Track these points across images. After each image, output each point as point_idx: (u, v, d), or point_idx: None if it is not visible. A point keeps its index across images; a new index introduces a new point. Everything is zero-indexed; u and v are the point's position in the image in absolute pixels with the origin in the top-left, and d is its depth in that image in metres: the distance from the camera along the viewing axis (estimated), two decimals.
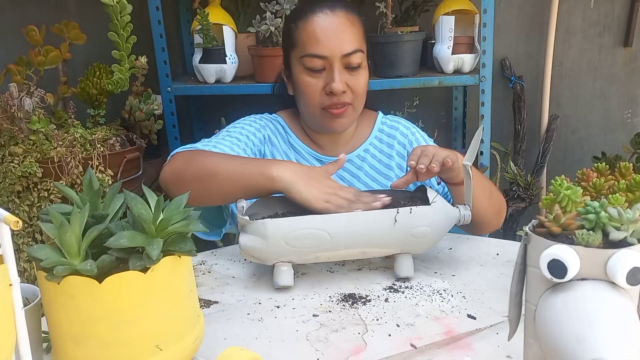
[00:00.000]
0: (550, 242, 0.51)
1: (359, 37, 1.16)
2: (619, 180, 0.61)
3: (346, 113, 1.17)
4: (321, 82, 1.15)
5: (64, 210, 0.65)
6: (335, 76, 1.13)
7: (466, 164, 0.93)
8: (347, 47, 1.13)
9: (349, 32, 1.14)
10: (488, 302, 0.86)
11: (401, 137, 1.27)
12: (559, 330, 0.49)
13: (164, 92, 1.81)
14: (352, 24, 1.15)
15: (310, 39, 1.14)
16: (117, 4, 1.29)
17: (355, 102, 1.17)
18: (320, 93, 1.15)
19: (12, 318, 0.51)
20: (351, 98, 1.16)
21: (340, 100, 1.15)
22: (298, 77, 1.17)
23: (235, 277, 0.99)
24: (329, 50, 1.13)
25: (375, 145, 1.28)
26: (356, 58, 1.14)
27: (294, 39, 1.17)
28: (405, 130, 1.28)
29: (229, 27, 1.78)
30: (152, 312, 0.63)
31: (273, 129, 1.27)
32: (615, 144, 2.12)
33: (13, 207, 1.33)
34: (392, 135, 1.28)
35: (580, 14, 2.06)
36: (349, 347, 0.76)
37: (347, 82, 1.14)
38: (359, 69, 1.15)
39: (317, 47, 1.13)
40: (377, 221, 0.90)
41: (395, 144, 1.27)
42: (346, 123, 1.20)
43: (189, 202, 1.06)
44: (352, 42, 1.14)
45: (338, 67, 1.13)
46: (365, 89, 1.19)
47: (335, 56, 1.13)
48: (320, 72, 1.15)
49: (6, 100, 1.31)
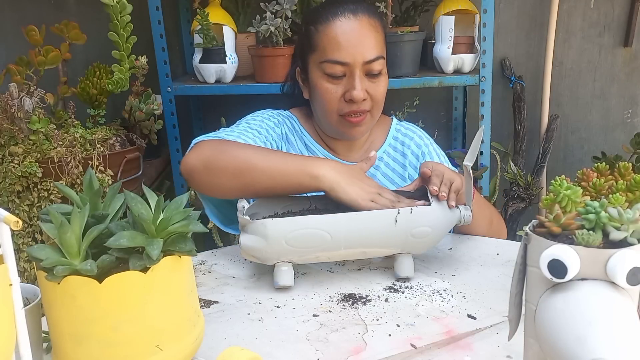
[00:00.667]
0: (550, 242, 0.51)
1: (380, 43, 1.12)
2: (618, 180, 0.61)
3: (364, 121, 1.14)
4: (341, 88, 1.11)
5: (64, 210, 0.65)
6: (356, 84, 1.09)
7: (467, 164, 0.93)
8: (369, 54, 1.09)
9: (371, 37, 1.10)
10: (488, 302, 0.86)
11: (415, 148, 1.25)
12: (559, 331, 0.49)
13: (164, 92, 1.82)
14: (374, 29, 1.11)
15: (332, 44, 1.10)
16: (117, 4, 1.29)
17: (374, 109, 1.14)
18: (339, 100, 1.11)
19: (12, 318, 0.51)
20: (370, 105, 1.13)
21: (360, 107, 1.11)
22: (316, 82, 1.13)
23: (235, 277, 0.99)
24: (351, 56, 1.09)
25: (389, 153, 1.25)
26: (378, 65, 1.10)
27: (313, 43, 1.13)
28: (419, 141, 1.26)
29: (229, 27, 1.78)
30: (152, 312, 0.63)
31: (290, 127, 1.24)
32: (615, 144, 2.12)
33: (13, 207, 1.34)
34: (406, 144, 1.25)
35: (580, 14, 2.06)
36: (349, 347, 0.76)
37: (367, 90, 1.11)
38: (379, 75, 1.12)
39: (338, 53, 1.09)
40: (378, 221, 0.90)
41: (409, 154, 1.25)
42: (364, 131, 1.17)
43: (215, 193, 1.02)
44: (375, 49, 1.10)
45: (359, 74, 1.09)
46: (384, 96, 1.15)
47: (357, 62, 1.09)
48: (340, 78, 1.11)
49: (6, 100, 1.31)
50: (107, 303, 0.60)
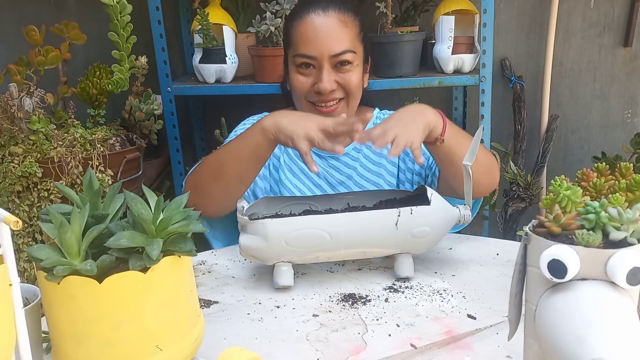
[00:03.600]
0: (550, 242, 0.51)
1: (351, 37, 1.18)
2: (619, 180, 0.61)
3: (337, 110, 1.20)
4: (310, 79, 1.20)
5: (64, 210, 0.65)
6: (323, 76, 1.17)
7: (466, 163, 0.93)
8: (336, 48, 1.16)
9: (339, 32, 1.17)
10: (488, 302, 0.86)
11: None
12: (559, 330, 0.48)
13: (164, 92, 1.81)
14: (343, 24, 1.17)
15: (302, 38, 1.18)
16: (117, 4, 1.29)
17: (349, 98, 1.21)
18: (309, 90, 1.20)
19: (12, 318, 0.51)
20: (343, 93, 1.20)
21: (329, 97, 1.19)
22: (291, 74, 1.23)
23: (235, 277, 0.99)
24: (318, 50, 1.17)
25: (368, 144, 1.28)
26: (346, 57, 1.17)
27: (289, 38, 1.22)
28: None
29: (229, 27, 1.77)
30: (152, 312, 0.63)
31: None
32: (615, 144, 2.12)
33: (13, 207, 1.33)
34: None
35: (580, 14, 2.06)
36: (349, 347, 0.76)
37: (337, 80, 1.18)
38: (349, 66, 1.18)
39: (307, 47, 1.18)
40: (378, 221, 0.90)
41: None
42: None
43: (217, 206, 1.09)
44: (342, 42, 1.17)
45: (327, 67, 1.17)
46: (358, 85, 1.21)
47: (324, 56, 1.17)
48: (310, 70, 1.19)
49: (6, 100, 1.31)
50: (107, 303, 0.60)
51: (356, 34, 1.20)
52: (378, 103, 1.44)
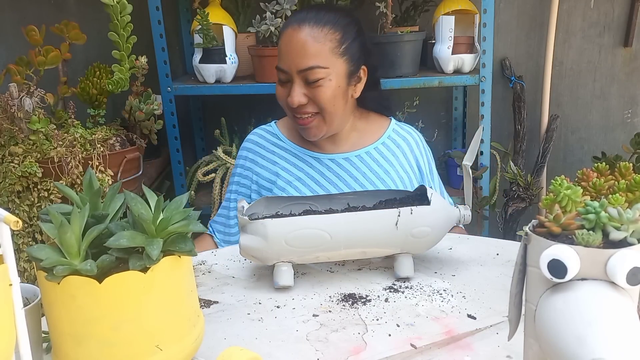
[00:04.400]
0: (550, 242, 0.51)
1: (323, 53, 1.17)
2: (619, 180, 0.61)
3: (313, 124, 1.22)
4: (286, 92, 1.21)
5: (64, 210, 0.65)
6: (292, 90, 1.19)
7: (466, 163, 0.93)
8: (302, 64, 1.16)
9: (308, 48, 1.16)
10: (488, 302, 0.86)
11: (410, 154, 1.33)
12: (559, 331, 0.48)
13: (164, 92, 1.82)
14: (314, 40, 1.16)
15: (280, 52, 1.20)
16: (117, 4, 1.29)
17: (323, 112, 1.20)
18: (286, 102, 1.21)
19: (12, 318, 0.51)
20: (316, 108, 1.20)
21: (303, 110, 1.20)
22: (276, 84, 1.24)
23: (235, 277, 0.99)
24: (288, 65, 1.18)
25: (380, 151, 1.31)
26: (314, 74, 1.16)
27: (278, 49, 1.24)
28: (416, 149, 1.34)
29: (229, 27, 1.78)
30: (152, 312, 0.63)
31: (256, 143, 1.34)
32: (615, 144, 2.12)
33: (13, 207, 1.33)
34: (401, 147, 1.32)
35: (580, 14, 2.06)
36: (349, 347, 0.76)
37: (308, 95, 1.19)
38: (319, 82, 1.17)
39: (281, 60, 1.20)
40: (378, 221, 0.90)
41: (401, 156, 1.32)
42: (316, 133, 1.24)
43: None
44: (310, 59, 1.16)
45: (297, 82, 1.18)
46: (331, 100, 1.19)
47: (292, 71, 1.18)
48: (286, 83, 1.21)
49: (6, 100, 1.31)
50: (107, 303, 0.60)
51: (331, 49, 1.17)
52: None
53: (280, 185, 1.28)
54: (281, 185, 1.28)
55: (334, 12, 1.23)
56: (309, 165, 1.29)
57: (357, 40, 1.22)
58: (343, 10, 1.27)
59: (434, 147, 2.14)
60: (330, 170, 1.28)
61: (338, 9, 1.25)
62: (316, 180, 1.28)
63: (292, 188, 1.27)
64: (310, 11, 1.21)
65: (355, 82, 1.24)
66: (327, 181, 1.28)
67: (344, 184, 1.27)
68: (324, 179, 1.28)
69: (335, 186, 1.27)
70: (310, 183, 1.28)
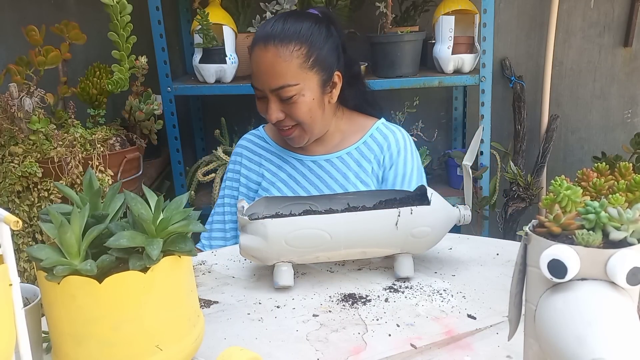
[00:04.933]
0: (550, 242, 0.51)
1: (291, 70, 1.16)
2: (619, 180, 0.61)
3: (294, 134, 1.23)
4: (265, 106, 1.21)
5: (64, 210, 0.65)
6: (268, 107, 1.20)
7: (466, 163, 0.93)
8: (273, 84, 1.17)
9: (277, 67, 1.16)
10: (488, 302, 0.86)
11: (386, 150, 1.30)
12: (559, 330, 0.48)
13: (164, 92, 1.82)
14: (281, 59, 1.15)
15: (252, 69, 1.20)
16: (117, 4, 1.29)
17: (303, 125, 1.21)
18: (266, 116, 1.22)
19: (12, 318, 0.51)
20: (293, 122, 1.21)
21: (282, 124, 1.21)
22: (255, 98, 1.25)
23: (235, 277, 0.99)
24: (260, 84, 1.19)
25: (361, 151, 1.30)
26: (286, 92, 1.17)
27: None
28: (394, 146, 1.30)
29: (229, 27, 1.78)
30: (152, 312, 0.63)
31: (247, 147, 1.36)
32: (615, 144, 2.12)
33: (13, 207, 1.33)
34: (379, 144, 1.30)
35: (580, 14, 2.06)
36: (349, 347, 0.76)
37: (284, 110, 1.19)
38: (292, 99, 1.17)
39: (254, 79, 1.20)
40: (378, 221, 0.90)
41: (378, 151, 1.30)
42: (299, 141, 1.25)
43: None
44: (279, 78, 1.16)
45: (272, 99, 1.19)
46: (307, 113, 1.20)
47: (265, 90, 1.18)
48: (263, 98, 1.21)
49: (6, 100, 1.31)
50: (107, 303, 0.60)
51: (298, 65, 1.16)
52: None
53: (264, 186, 1.31)
54: (265, 186, 1.31)
55: (300, 21, 1.19)
56: (292, 166, 1.31)
57: (326, 46, 1.20)
58: (310, 15, 1.23)
59: (434, 147, 2.15)
60: (312, 171, 1.30)
61: (304, 16, 1.22)
62: (297, 181, 1.30)
63: (275, 189, 1.30)
64: (276, 25, 1.18)
65: (330, 89, 1.23)
66: (308, 182, 1.29)
67: (325, 185, 1.28)
68: (306, 180, 1.29)
69: (316, 187, 1.28)
70: (292, 184, 1.30)
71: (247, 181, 1.34)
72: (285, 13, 1.23)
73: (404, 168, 1.29)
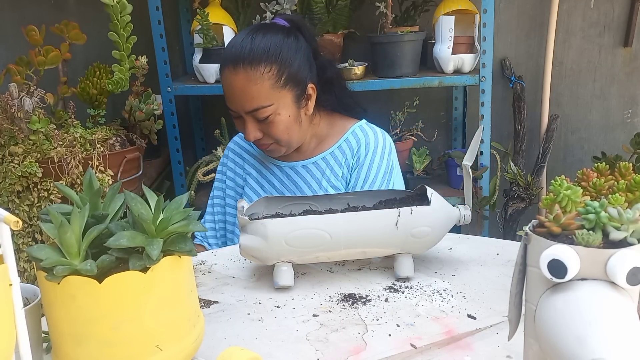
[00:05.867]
0: (550, 242, 0.51)
1: (263, 92, 1.14)
2: (618, 180, 0.61)
3: (272, 148, 1.23)
4: (242, 126, 1.21)
5: (64, 210, 0.65)
6: (245, 128, 1.19)
7: (466, 163, 0.93)
8: (247, 106, 1.16)
9: (248, 90, 1.14)
10: (488, 302, 0.86)
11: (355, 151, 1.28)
12: (559, 331, 0.48)
13: (164, 92, 1.82)
14: (252, 82, 1.13)
15: (224, 91, 1.19)
16: (117, 4, 1.29)
17: (280, 142, 1.21)
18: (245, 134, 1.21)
19: (12, 318, 0.51)
20: (270, 140, 1.21)
21: (260, 142, 1.22)
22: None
23: (235, 277, 0.99)
24: (234, 106, 1.18)
25: (335, 155, 1.29)
26: (261, 114, 1.16)
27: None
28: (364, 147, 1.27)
29: (229, 27, 1.78)
30: (152, 312, 0.63)
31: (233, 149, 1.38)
32: (615, 144, 2.12)
33: (13, 207, 1.33)
34: (352, 146, 1.28)
35: (580, 14, 2.06)
36: (349, 347, 0.76)
37: (261, 129, 1.19)
38: (268, 119, 1.17)
39: (227, 101, 1.19)
40: (378, 221, 0.90)
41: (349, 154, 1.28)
42: (277, 154, 1.26)
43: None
44: (252, 101, 1.15)
45: (249, 120, 1.18)
46: (284, 131, 1.19)
47: (240, 112, 1.17)
48: (239, 118, 1.20)
49: (6, 100, 1.31)
50: (107, 303, 0.60)
51: (270, 86, 1.14)
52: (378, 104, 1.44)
53: (246, 192, 1.33)
54: (247, 192, 1.33)
55: (267, 37, 1.16)
56: (271, 172, 1.32)
57: (296, 60, 1.17)
58: (277, 28, 1.19)
59: (434, 147, 2.15)
60: (289, 178, 1.30)
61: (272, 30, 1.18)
62: (276, 187, 1.31)
63: (255, 195, 1.30)
64: (244, 45, 1.15)
65: (305, 102, 1.22)
66: (286, 188, 1.30)
67: (299, 191, 1.28)
68: (283, 187, 1.30)
69: (292, 193, 1.29)
70: (272, 190, 1.31)
71: (233, 184, 1.36)
72: (252, 27, 1.19)
73: (368, 171, 1.26)
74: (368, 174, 1.26)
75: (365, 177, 1.25)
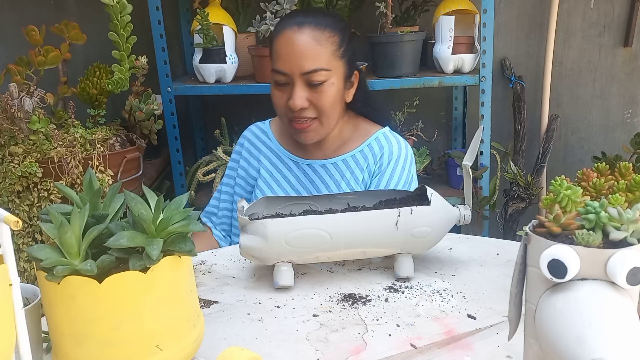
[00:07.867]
0: (550, 242, 0.51)
1: (325, 55, 1.16)
2: (619, 180, 0.61)
3: (311, 128, 1.20)
4: (285, 95, 1.18)
5: (64, 210, 0.65)
6: (294, 93, 1.16)
7: (466, 163, 0.93)
8: (306, 66, 1.14)
9: (311, 50, 1.15)
10: (488, 302, 0.86)
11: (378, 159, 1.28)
12: (559, 330, 0.48)
13: (164, 92, 1.82)
14: (317, 42, 1.15)
15: (277, 54, 1.17)
16: (117, 4, 1.29)
17: (321, 117, 1.19)
18: (285, 105, 1.18)
19: (12, 318, 0.51)
20: (315, 113, 1.19)
21: (302, 115, 1.18)
22: (271, 88, 1.22)
23: (235, 277, 0.99)
24: (289, 67, 1.15)
25: (356, 159, 1.29)
26: (318, 76, 1.15)
27: (271, 52, 1.22)
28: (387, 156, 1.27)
29: (229, 27, 1.78)
30: (152, 312, 0.63)
31: (250, 139, 1.37)
32: (615, 144, 2.12)
33: (13, 207, 1.33)
34: (375, 153, 1.28)
35: (580, 14, 2.06)
36: (349, 347, 0.76)
37: (310, 98, 1.17)
38: (322, 86, 1.16)
39: (280, 63, 1.17)
40: (378, 221, 0.90)
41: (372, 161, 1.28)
42: (313, 137, 1.22)
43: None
44: (314, 61, 1.15)
45: (299, 84, 1.16)
46: (333, 104, 1.19)
47: (295, 73, 1.15)
48: (285, 86, 1.18)
49: (6, 100, 1.31)
50: (107, 303, 0.60)
51: (332, 52, 1.16)
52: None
53: (259, 185, 1.31)
54: (260, 185, 1.31)
55: (330, 16, 1.23)
56: (287, 168, 1.31)
57: (350, 44, 1.22)
58: (337, 15, 1.28)
59: (434, 147, 2.15)
60: (306, 175, 1.29)
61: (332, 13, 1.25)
62: (292, 184, 1.30)
63: (268, 189, 1.30)
64: (308, 15, 1.20)
65: (349, 86, 1.24)
66: (302, 186, 1.29)
67: (316, 190, 1.28)
68: (299, 184, 1.29)
69: (308, 192, 1.28)
70: (286, 186, 1.30)
71: (245, 173, 1.35)
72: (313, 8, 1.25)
73: (389, 180, 1.26)
74: (389, 183, 1.26)
75: (385, 185, 1.26)
